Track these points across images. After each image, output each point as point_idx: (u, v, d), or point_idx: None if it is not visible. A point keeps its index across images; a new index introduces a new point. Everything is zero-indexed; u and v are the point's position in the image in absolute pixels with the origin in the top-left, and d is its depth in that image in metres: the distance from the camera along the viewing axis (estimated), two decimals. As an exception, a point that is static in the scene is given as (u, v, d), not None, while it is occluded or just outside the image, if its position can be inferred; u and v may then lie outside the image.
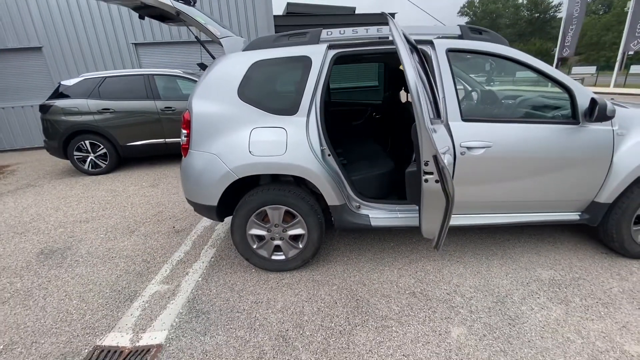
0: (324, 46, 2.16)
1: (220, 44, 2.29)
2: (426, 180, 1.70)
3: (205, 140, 2.16)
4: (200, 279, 2.41)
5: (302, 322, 1.93)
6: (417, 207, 2.01)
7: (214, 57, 2.50)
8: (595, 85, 20.09)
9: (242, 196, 2.27)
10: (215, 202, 2.20)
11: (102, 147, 5.07)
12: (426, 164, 1.65)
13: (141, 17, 2.70)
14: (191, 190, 2.27)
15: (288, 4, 9.13)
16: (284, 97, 2.18)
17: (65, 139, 4.92)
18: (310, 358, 1.68)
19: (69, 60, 7.39)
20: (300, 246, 2.32)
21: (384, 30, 2.21)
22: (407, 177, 1.95)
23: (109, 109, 4.93)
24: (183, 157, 2.31)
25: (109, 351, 1.80)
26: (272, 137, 2.11)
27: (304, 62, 2.14)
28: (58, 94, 4.94)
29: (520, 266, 2.36)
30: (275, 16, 8.31)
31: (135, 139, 5.13)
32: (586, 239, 2.67)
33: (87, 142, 5.00)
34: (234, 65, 2.17)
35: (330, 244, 2.79)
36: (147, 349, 1.81)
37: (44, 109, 4.85)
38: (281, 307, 2.07)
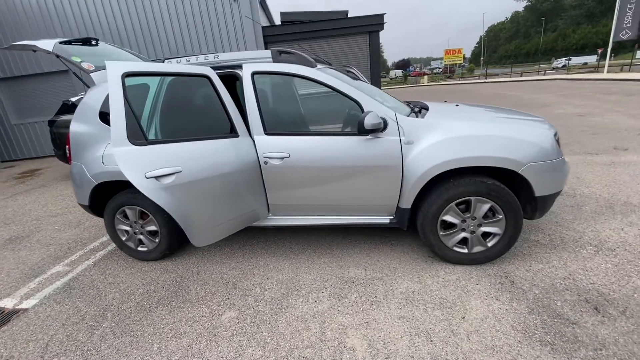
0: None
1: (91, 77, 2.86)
2: None
3: (78, 153, 2.75)
4: (92, 264, 3.03)
5: (128, 299, 2.42)
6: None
7: (88, 86, 3.05)
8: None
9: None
10: (87, 202, 2.79)
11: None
12: None
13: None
14: (75, 192, 2.89)
15: (281, 13, 9.62)
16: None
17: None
18: (111, 324, 2.16)
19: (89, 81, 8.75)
20: (157, 241, 2.80)
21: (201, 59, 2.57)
22: None
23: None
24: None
25: (-8, 310, 2.49)
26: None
27: (144, 89, 2.61)
28: (63, 110, 6.06)
29: (340, 264, 2.57)
30: (265, 27, 8.87)
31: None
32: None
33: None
34: (96, 94, 2.72)
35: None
36: (17, 311, 2.45)
37: (51, 123, 6.01)
38: (125, 287, 2.58)
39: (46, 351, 2.00)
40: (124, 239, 2.88)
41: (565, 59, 40.76)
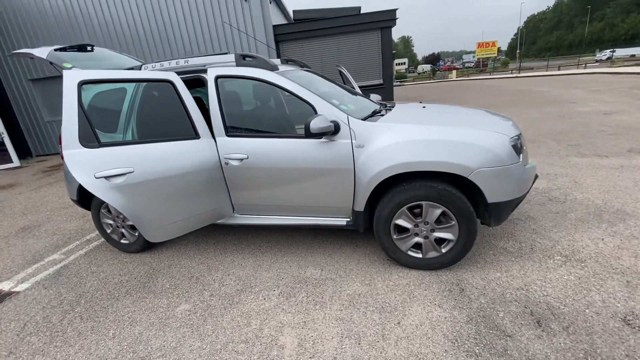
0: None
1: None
2: None
3: (68, 153, 3.00)
4: (84, 253, 3.30)
5: (103, 287, 2.62)
6: None
7: None
8: None
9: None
10: (75, 197, 3.03)
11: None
12: None
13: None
14: (67, 187, 3.15)
15: (294, 11, 9.69)
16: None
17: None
18: (82, 310, 2.36)
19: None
20: (136, 234, 3.00)
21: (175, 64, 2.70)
22: None
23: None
24: None
25: (-9, 291, 2.79)
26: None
27: (123, 93, 2.79)
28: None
29: (300, 264, 2.62)
30: (275, 26, 8.99)
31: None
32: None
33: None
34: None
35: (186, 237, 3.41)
36: (10, 294, 2.74)
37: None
38: (104, 277, 2.80)
39: (23, 330, 2.23)
40: (108, 231, 3.10)
41: (610, 51, 37.55)
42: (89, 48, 3.44)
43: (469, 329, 1.81)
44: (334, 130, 2.21)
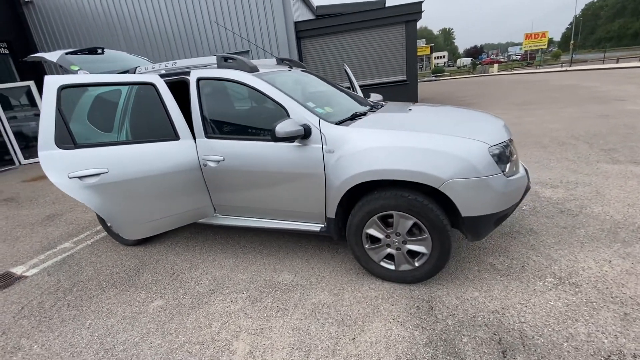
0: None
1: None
2: None
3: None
4: (90, 243, 3.54)
5: (95, 277, 2.79)
6: None
7: None
8: None
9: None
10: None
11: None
12: None
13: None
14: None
15: (317, 7, 9.59)
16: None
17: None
18: (72, 298, 2.54)
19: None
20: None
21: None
22: None
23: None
24: None
25: (6, 274, 3.09)
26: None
27: (118, 94, 2.92)
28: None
29: (276, 268, 2.60)
30: (297, 22, 8.96)
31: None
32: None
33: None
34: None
35: (181, 234, 3.53)
36: (20, 277, 3.01)
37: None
38: (99, 267, 2.98)
39: (19, 313, 2.44)
40: (108, 224, 3.29)
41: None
42: (99, 50, 3.64)
43: (425, 352, 1.69)
44: (305, 134, 2.14)
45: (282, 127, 2.04)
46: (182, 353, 1.87)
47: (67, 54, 3.35)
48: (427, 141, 1.92)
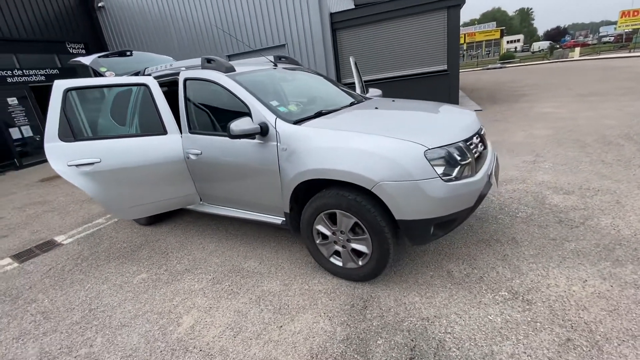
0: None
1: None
2: None
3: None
4: (115, 221, 4.13)
5: (108, 249, 3.30)
6: None
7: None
8: None
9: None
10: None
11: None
12: None
13: None
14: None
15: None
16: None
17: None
18: (85, 265, 3.06)
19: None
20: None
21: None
22: None
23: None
24: None
25: (50, 241, 3.79)
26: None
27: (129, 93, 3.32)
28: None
29: (246, 255, 2.81)
30: (332, 13, 8.92)
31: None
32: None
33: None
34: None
35: (194, 223, 3.92)
36: (59, 245, 3.68)
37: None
38: (114, 241, 3.49)
39: (46, 273, 3.01)
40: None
41: None
42: (128, 53, 4.15)
43: (337, 347, 1.74)
44: (262, 131, 2.27)
45: (236, 125, 2.19)
46: (142, 319, 2.18)
47: (99, 57, 3.90)
48: (365, 143, 1.91)
